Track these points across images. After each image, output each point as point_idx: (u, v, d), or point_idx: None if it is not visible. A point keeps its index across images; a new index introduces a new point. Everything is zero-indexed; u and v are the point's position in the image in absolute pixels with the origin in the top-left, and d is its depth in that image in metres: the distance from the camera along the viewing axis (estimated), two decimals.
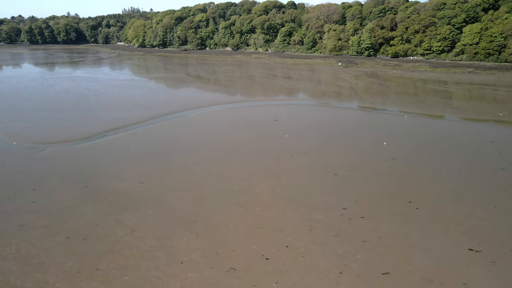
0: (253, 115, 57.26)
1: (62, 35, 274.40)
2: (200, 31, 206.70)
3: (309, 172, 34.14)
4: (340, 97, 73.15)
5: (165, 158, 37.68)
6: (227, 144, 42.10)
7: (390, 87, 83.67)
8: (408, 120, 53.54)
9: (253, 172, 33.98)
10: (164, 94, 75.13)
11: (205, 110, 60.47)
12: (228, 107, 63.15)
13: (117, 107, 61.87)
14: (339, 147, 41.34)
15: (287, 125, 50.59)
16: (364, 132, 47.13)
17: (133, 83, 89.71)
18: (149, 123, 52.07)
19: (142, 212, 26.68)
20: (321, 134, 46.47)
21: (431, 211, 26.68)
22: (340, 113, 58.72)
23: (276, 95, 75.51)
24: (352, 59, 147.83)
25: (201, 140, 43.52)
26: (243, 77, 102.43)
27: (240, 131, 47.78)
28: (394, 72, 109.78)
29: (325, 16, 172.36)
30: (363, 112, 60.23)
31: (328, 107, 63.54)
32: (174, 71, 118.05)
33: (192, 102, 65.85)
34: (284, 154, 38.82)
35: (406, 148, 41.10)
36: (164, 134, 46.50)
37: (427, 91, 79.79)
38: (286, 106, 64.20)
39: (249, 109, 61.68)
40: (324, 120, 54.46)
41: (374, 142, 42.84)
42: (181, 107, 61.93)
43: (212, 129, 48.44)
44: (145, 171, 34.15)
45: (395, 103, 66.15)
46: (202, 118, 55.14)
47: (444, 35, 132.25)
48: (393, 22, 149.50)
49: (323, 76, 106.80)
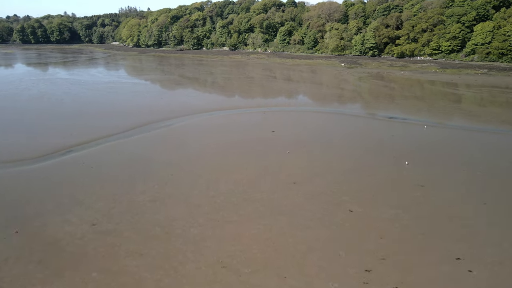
0: (249, 124, 49.50)
1: (55, 35, 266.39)
2: (196, 30, 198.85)
3: (316, 207, 26.39)
4: (345, 102, 65.38)
5: (132, 187, 29.87)
6: (214, 167, 34.31)
7: (399, 91, 75.92)
8: (429, 132, 45.75)
9: (244, 212, 26.24)
10: (150, 99, 67.33)
11: (194, 119, 52.68)
12: (221, 115, 55.38)
13: (92, 115, 54.07)
14: (352, 169, 33.57)
15: (287, 138, 42.83)
16: (381, 148, 39.34)
17: (119, 86, 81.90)
18: (125, 135, 44.27)
19: (82, 279, 18.89)
20: (327, 150, 38.70)
21: (491, 275, 18.95)
22: (348, 122, 50.92)
23: (275, 100, 67.75)
24: (356, 59, 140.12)
25: (182, 161, 35.71)
26: (240, 79, 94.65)
27: (232, 147, 39.98)
28: (402, 74, 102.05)
29: (326, 14, 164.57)
30: (375, 121, 52.42)
31: (333, 114, 55.76)
32: (166, 72, 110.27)
33: (180, 109, 58.09)
34: (284, 181, 31.05)
35: (433, 170, 33.32)
36: (139, 151, 38.63)
37: (442, 95, 72.00)
38: (286, 113, 56.45)
39: (244, 117, 53.95)
40: (329, 131, 46.67)
41: (394, 162, 35.09)
42: (166, 115, 54.18)
43: (197, 146, 40.62)
44: (103, 207, 26.36)
45: (409, 110, 58.39)
46: (189, 130, 47.28)
47: (454, 34, 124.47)
48: (399, 20, 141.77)
49: (326, 78, 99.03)
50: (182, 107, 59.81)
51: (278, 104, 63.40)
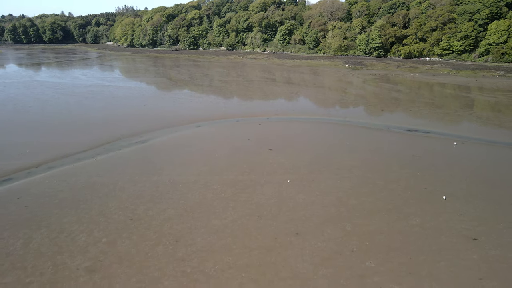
0: (242, 139, 41.04)
1: (47, 34, 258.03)
2: (192, 30, 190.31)
3: (330, 281, 17.97)
4: (355, 110, 56.94)
5: (69, 246, 21.41)
6: (189, 207, 25.90)
7: (413, 96, 67.47)
8: (461, 150, 37.29)
9: (232, 282, 17.84)
10: (131, 106, 58.89)
11: (178, 132, 44.27)
12: (211, 127, 46.98)
13: (55, 128, 45.65)
14: (374, 211, 25.12)
15: (288, 159, 34.41)
16: (405, 176, 30.89)
17: (99, 90, 73.45)
18: (86, 155, 35.83)
19: None
20: (338, 181, 30.24)
21: None
22: (361, 137, 42.41)
23: (274, 107, 59.28)
24: (360, 60, 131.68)
25: (150, 197, 27.27)
26: (236, 83, 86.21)
27: (219, 173, 31.57)
28: (412, 76, 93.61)
29: (328, 12, 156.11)
30: (392, 135, 43.93)
31: (342, 126, 47.32)
32: (157, 74, 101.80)
33: (164, 119, 49.72)
34: (283, 230, 22.62)
35: (484, 210, 24.86)
36: (97, 180, 30.08)
37: (465, 101, 63.54)
38: (287, 124, 48.05)
39: (238, 129, 45.59)
40: (339, 150, 38.18)
41: (427, 198, 26.67)
42: (146, 127, 45.80)
43: (174, 173, 32.14)
44: (11, 284, 17.91)
45: (430, 120, 49.99)
46: (168, 148, 38.72)
47: (466, 33, 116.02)
48: (406, 18, 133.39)
49: (330, 81, 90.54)
50: (167, 116, 51.39)
51: (278, 112, 54.95)
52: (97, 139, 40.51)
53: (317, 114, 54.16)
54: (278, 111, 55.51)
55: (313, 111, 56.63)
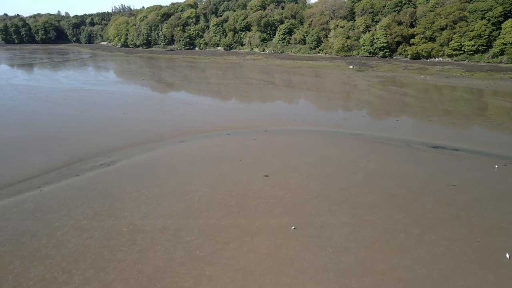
0: (232, 160, 33.29)
1: (40, 34, 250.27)
2: (188, 29, 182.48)
3: None
4: (366, 120, 49.25)
5: None
6: (152, 279, 18.20)
7: (430, 102, 59.76)
8: (508, 176, 29.53)
9: None
10: (106, 116, 51.16)
11: (154, 151, 36.55)
12: (196, 142, 39.30)
13: (3, 144, 37.89)
14: (415, 284, 17.38)
15: (288, 190, 26.70)
16: (448, 217, 23.14)
17: (77, 95, 65.73)
18: (31, 184, 28.09)
19: None
20: (358, 221, 22.51)
21: None
22: (379, 154, 34.60)
23: (272, 116, 51.56)
24: (365, 60, 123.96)
25: (88, 261, 19.52)
26: (231, 86, 78.50)
27: (197, 214, 23.86)
28: (423, 78, 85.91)
29: (330, 11, 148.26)
30: (416, 153, 36.10)
31: (353, 139, 39.58)
32: (145, 76, 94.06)
33: (141, 133, 42.07)
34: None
35: None
36: (26, 228, 22.23)
37: (491, 109, 55.83)
38: (287, 139, 40.35)
39: (228, 146, 37.87)
40: (354, 172, 30.37)
41: (483, 255, 18.97)
42: (116, 143, 38.13)
43: (137, 214, 24.35)
44: None
45: (457, 134, 42.29)
46: (135, 174, 30.83)
47: (479, 32, 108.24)
48: (413, 16, 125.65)
49: (334, 84, 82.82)
50: (146, 129, 43.71)
51: (277, 122, 47.25)
52: (52, 160, 32.80)
53: (322, 124, 46.40)
54: (277, 121, 47.78)
55: (318, 121, 48.81)
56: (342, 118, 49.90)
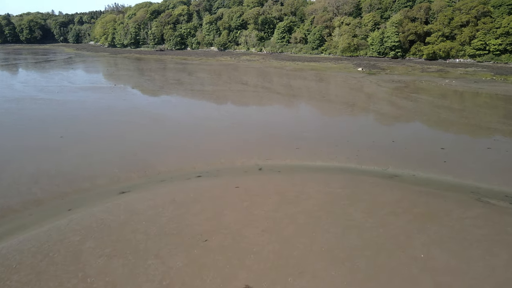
0: (192, 240, 19.34)
1: (25, 33, 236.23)
2: (180, 27, 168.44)
3: None
4: (397, 148, 35.22)
5: None
6: None
7: (475, 116, 45.81)
8: None
9: None
10: (36, 139, 37.22)
11: (73, 215, 22.62)
12: (143, 197, 25.33)
13: None
14: None
15: None
16: None
17: (20, 106, 51.74)
18: None
19: None
20: None
21: None
22: (443, 222, 20.62)
23: (267, 144, 37.42)
24: (374, 62, 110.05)
25: None
26: (218, 95, 64.54)
27: None
28: (448, 83, 72.06)
29: (334, 7, 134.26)
30: (496, 213, 22.23)
31: (387, 186, 25.61)
32: (120, 80, 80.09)
33: (69, 173, 28.31)
34: None
35: None
36: None
37: None
38: (286, 184, 26.38)
39: (191, 205, 23.90)
40: (402, 256, 16.36)
41: None
42: (23, 195, 24.17)
43: None
44: None
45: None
46: (27, 267, 17.02)
47: (507, 29, 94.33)
48: (428, 12, 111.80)
49: (343, 91, 68.81)
50: (73, 168, 29.73)
51: (272, 154, 33.16)
52: None
53: (336, 157, 32.32)
54: (273, 152, 33.64)
55: (330, 150, 34.57)
56: (363, 145, 35.77)
